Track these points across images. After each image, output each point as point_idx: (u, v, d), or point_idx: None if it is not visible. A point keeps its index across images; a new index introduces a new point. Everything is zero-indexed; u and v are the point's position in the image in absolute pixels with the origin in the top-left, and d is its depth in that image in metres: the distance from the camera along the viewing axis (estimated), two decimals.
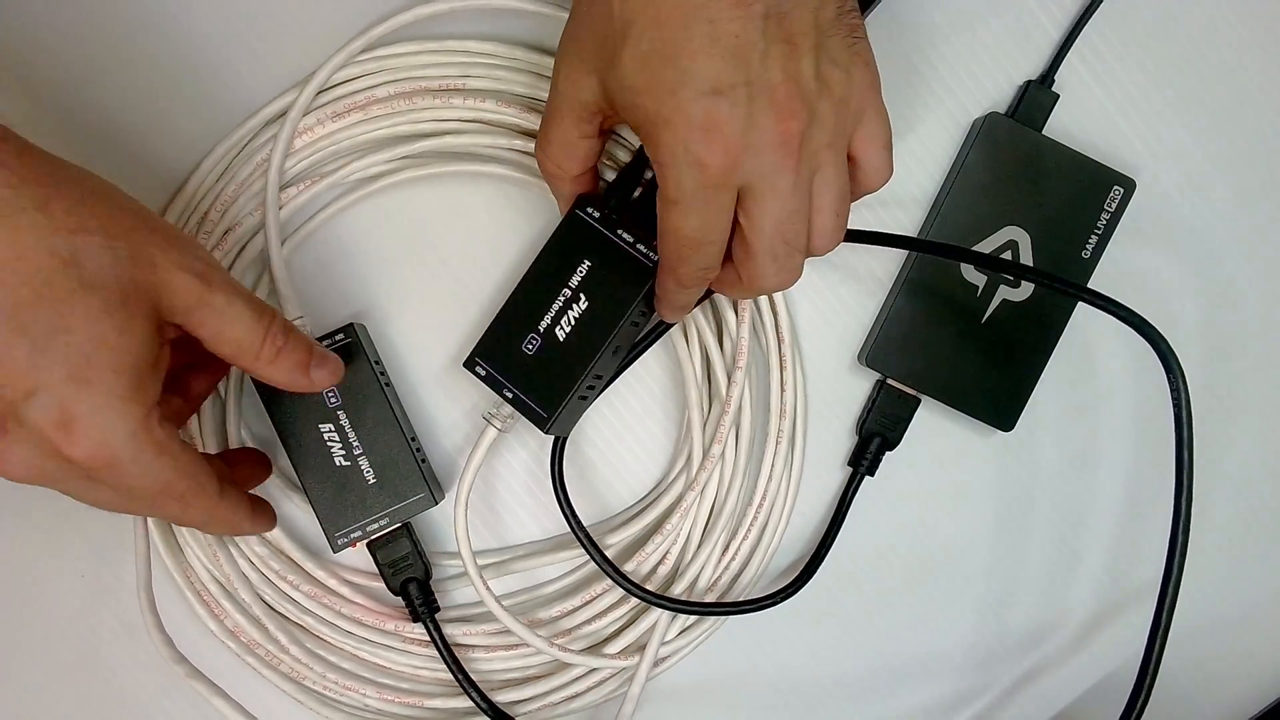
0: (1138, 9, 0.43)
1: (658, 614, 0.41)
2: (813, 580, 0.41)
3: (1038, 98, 0.42)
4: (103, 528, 0.41)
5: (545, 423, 0.36)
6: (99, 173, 0.30)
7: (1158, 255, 0.43)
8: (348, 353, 0.38)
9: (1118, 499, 0.44)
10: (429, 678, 0.42)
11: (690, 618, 0.42)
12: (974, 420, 0.42)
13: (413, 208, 0.42)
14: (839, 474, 0.44)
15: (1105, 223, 0.41)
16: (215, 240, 0.40)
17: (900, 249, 0.42)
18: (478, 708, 0.39)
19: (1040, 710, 0.45)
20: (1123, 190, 0.41)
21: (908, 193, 0.43)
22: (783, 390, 0.42)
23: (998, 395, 0.42)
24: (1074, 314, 0.42)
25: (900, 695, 0.45)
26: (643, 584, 0.41)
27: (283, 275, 0.40)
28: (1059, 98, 0.42)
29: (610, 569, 0.40)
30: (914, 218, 0.43)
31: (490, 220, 0.42)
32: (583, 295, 0.36)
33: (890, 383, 0.42)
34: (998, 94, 0.43)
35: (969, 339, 0.41)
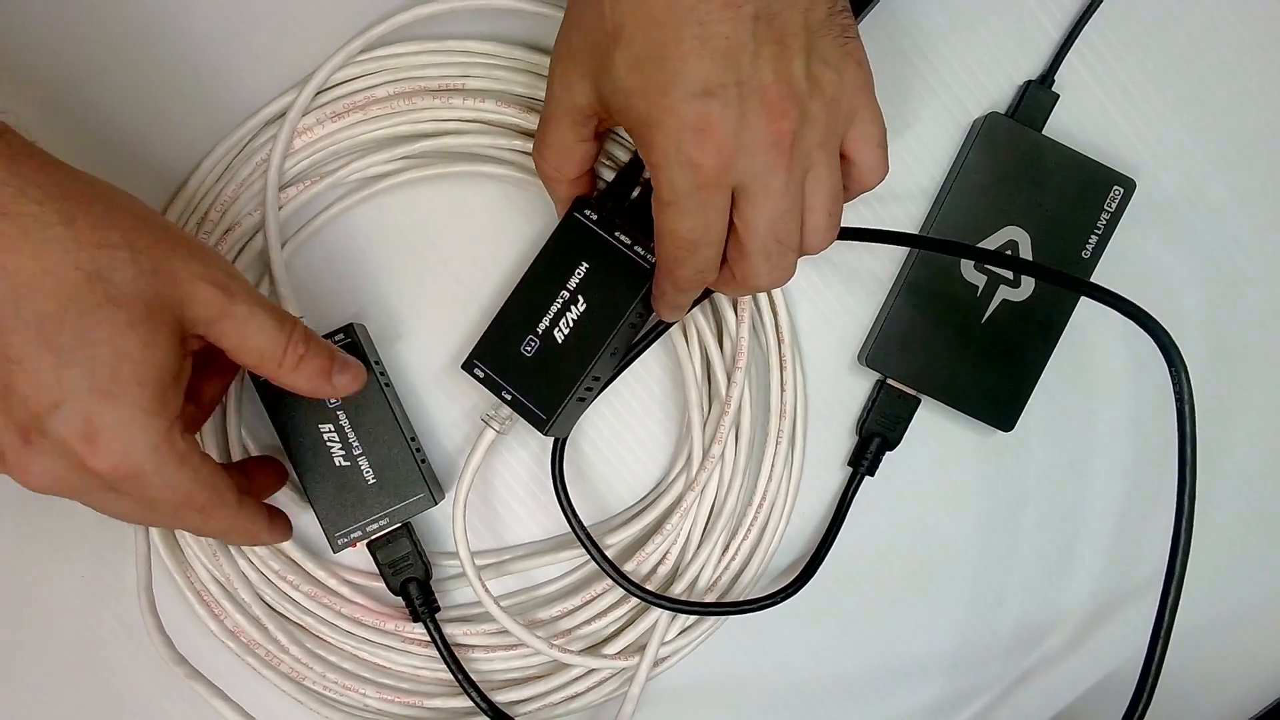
0: (1138, 9, 0.43)
1: (657, 614, 0.41)
2: (813, 580, 0.41)
3: (1038, 98, 0.42)
4: (103, 529, 0.41)
5: (543, 424, 0.36)
6: (99, 173, 0.30)
7: (1158, 255, 0.43)
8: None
9: (1117, 499, 0.44)
10: (429, 678, 0.42)
11: (690, 618, 0.42)
12: (974, 420, 0.42)
13: (413, 208, 0.42)
14: (839, 474, 0.44)
15: (1105, 223, 0.41)
16: (215, 240, 0.40)
17: (899, 246, 0.43)
18: (477, 708, 0.39)
19: (1040, 710, 0.45)
20: (1123, 190, 0.41)
21: (908, 192, 0.43)
22: (783, 390, 0.42)
23: (998, 395, 0.42)
24: (1074, 314, 0.42)
25: (900, 695, 0.45)
26: (643, 584, 0.41)
27: (283, 275, 0.40)
28: (1059, 98, 0.42)
29: (610, 569, 0.40)
30: (914, 217, 0.43)
31: (490, 220, 0.42)
32: (581, 297, 0.36)
33: (890, 383, 0.42)
34: (998, 94, 0.43)
35: (969, 339, 0.41)
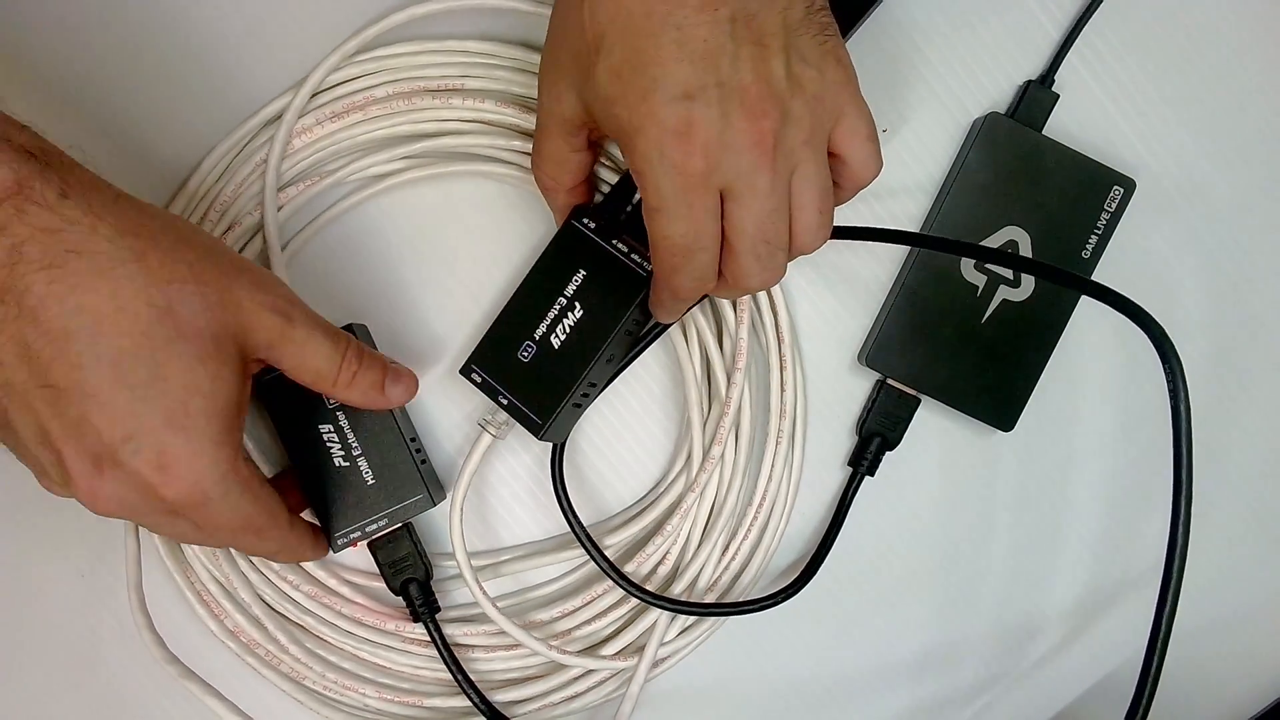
0: (1138, 9, 0.43)
1: (657, 614, 0.41)
2: (813, 580, 0.41)
3: (1038, 98, 0.42)
4: (103, 528, 0.41)
5: (539, 430, 0.36)
6: (100, 171, 0.30)
7: (1158, 255, 0.43)
8: None
9: (1117, 499, 0.44)
10: (429, 678, 0.42)
11: (690, 618, 0.42)
12: (974, 420, 0.42)
13: (413, 208, 0.42)
14: (839, 474, 0.44)
15: (1105, 223, 0.41)
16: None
17: (899, 246, 0.43)
18: (476, 708, 0.39)
19: (1040, 710, 0.45)
20: (1123, 190, 0.41)
21: (907, 192, 0.43)
22: (783, 390, 0.42)
23: (998, 395, 0.42)
24: (1074, 314, 0.42)
25: (900, 695, 0.45)
26: (642, 584, 0.41)
27: (283, 275, 0.40)
28: (1059, 98, 0.42)
29: (610, 570, 0.40)
30: (914, 217, 0.43)
31: (490, 220, 0.42)
32: (578, 304, 0.36)
33: (890, 383, 0.42)
34: (998, 94, 0.43)
35: (969, 339, 0.41)
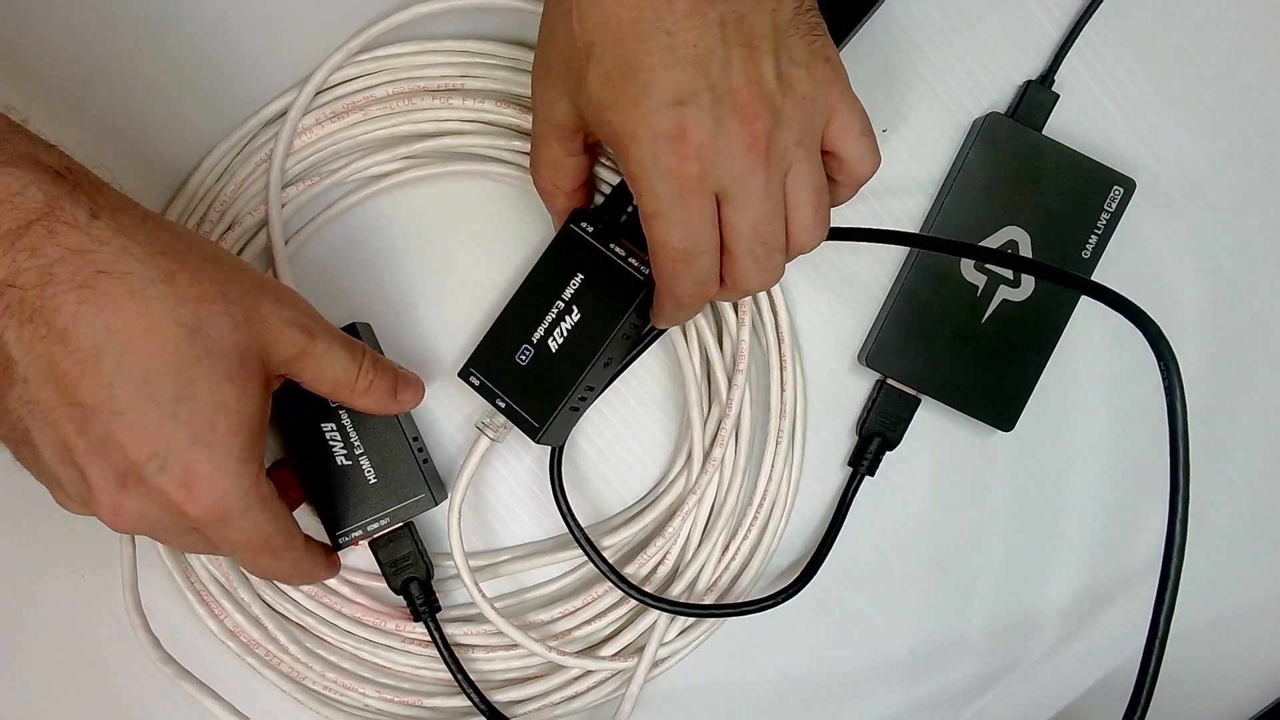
0: (1138, 9, 0.43)
1: (657, 614, 0.41)
2: (813, 580, 0.41)
3: (1038, 98, 0.42)
4: (103, 530, 0.41)
5: (536, 433, 0.37)
6: (101, 170, 0.31)
7: (1158, 255, 0.43)
8: None
9: (1117, 499, 0.44)
10: (429, 678, 0.42)
11: (689, 619, 0.42)
12: (974, 420, 0.42)
13: (414, 208, 0.42)
14: (839, 474, 0.44)
15: (1105, 223, 0.41)
16: (215, 238, 0.40)
17: (898, 245, 0.42)
18: (476, 708, 0.39)
19: (1040, 710, 0.45)
20: (1123, 190, 0.41)
21: (907, 192, 0.43)
22: (783, 390, 0.42)
23: (998, 395, 0.42)
24: (1074, 314, 0.42)
25: (900, 695, 0.45)
26: (642, 584, 0.41)
27: (286, 273, 0.40)
28: (1059, 98, 0.42)
29: (609, 571, 0.40)
30: (914, 217, 0.43)
31: (490, 220, 0.42)
32: (575, 307, 0.36)
33: (890, 383, 0.42)
34: (998, 94, 0.43)
35: (969, 339, 0.41)
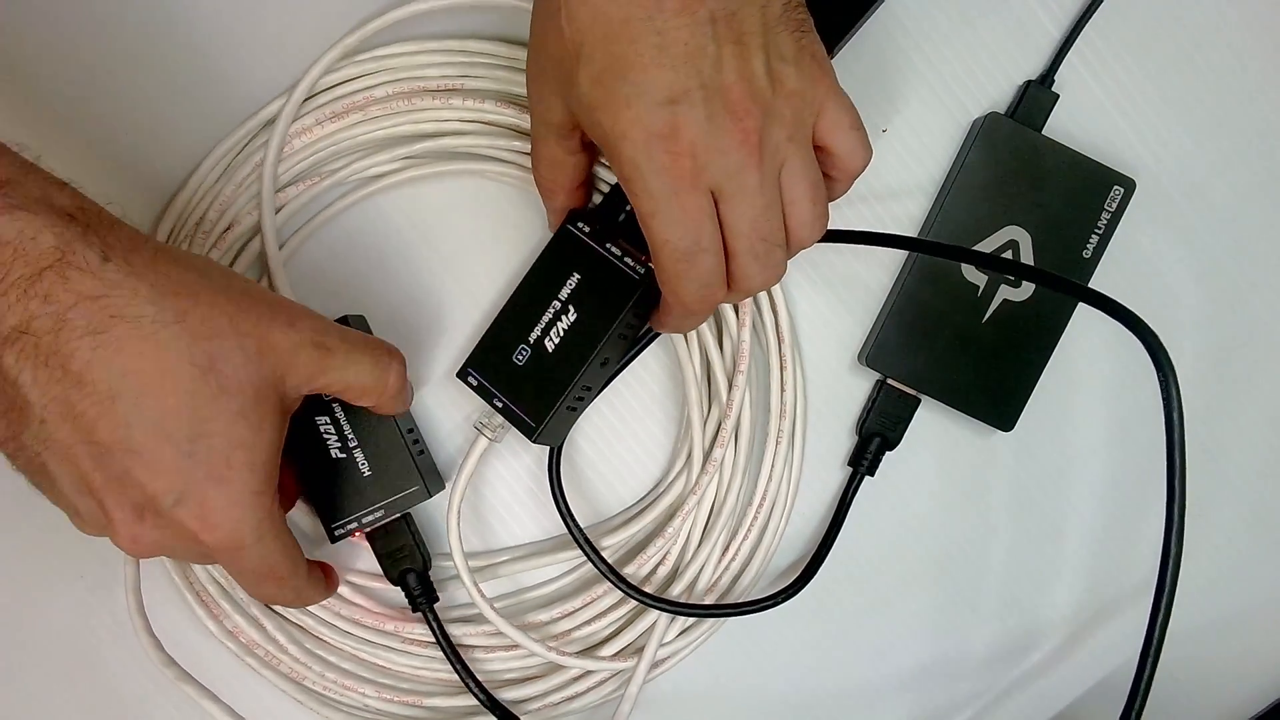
0: (1138, 9, 0.43)
1: (657, 615, 0.41)
2: (813, 581, 0.41)
3: (1038, 98, 0.42)
4: None
5: (533, 433, 0.37)
6: (99, 176, 0.31)
7: (1158, 255, 0.43)
8: None
9: (1117, 499, 0.44)
10: (429, 678, 0.42)
11: (689, 619, 0.42)
12: (974, 420, 0.42)
13: (413, 208, 0.42)
14: (839, 474, 0.44)
15: (1105, 223, 0.41)
16: (214, 240, 0.40)
17: (899, 249, 0.42)
18: (478, 700, 0.39)
19: (1040, 711, 0.45)
20: (1123, 190, 0.41)
21: (908, 192, 0.43)
22: (783, 390, 0.42)
23: (998, 395, 0.42)
24: (1074, 314, 0.42)
25: (900, 695, 0.45)
26: (641, 584, 0.41)
27: (281, 277, 0.40)
28: (1059, 98, 0.42)
29: (609, 572, 0.40)
30: (914, 217, 0.43)
31: (490, 220, 0.42)
32: (571, 307, 0.36)
33: (890, 383, 0.42)
34: (998, 94, 0.43)
35: (969, 339, 0.41)
